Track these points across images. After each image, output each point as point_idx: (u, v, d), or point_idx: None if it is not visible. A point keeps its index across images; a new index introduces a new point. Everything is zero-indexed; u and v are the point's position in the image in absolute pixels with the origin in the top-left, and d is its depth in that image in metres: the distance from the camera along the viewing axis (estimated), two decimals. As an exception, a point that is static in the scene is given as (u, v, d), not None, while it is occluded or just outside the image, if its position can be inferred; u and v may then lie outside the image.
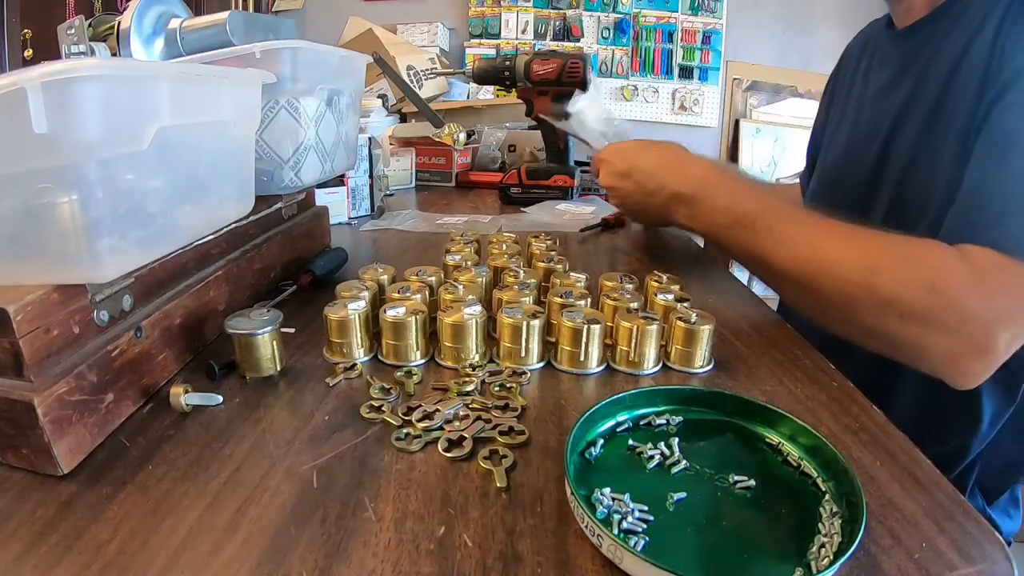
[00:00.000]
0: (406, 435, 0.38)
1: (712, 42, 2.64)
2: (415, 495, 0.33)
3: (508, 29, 2.67)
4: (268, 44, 0.56)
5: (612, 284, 0.56)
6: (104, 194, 0.35)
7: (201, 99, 0.45)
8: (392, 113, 1.47)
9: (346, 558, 0.29)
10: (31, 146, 0.31)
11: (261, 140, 0.60)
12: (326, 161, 0.68)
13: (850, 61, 0.85)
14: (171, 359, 0.44)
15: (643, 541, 0.29)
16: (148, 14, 0.64)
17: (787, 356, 0.51)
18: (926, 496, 0.34)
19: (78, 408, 0.35)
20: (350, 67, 0.72)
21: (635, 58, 2.69)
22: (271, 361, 0.44)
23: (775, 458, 0.37)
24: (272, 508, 0.32)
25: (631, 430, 0.39)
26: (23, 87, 0.29)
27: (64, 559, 0.28)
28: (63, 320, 0.35)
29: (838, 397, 0.45)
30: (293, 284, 0.59)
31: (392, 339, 0.47)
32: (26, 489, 0.33)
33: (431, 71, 1.71)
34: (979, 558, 0.30)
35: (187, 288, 0.46)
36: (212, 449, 0.37)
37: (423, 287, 0.53)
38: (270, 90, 0.56)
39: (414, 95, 1.00)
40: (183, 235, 0.46)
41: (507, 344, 0.47)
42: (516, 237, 0.71)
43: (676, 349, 0.48)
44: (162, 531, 0.30)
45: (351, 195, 0.94)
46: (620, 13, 2.63)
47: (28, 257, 0.35)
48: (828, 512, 0.32)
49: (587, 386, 0.46)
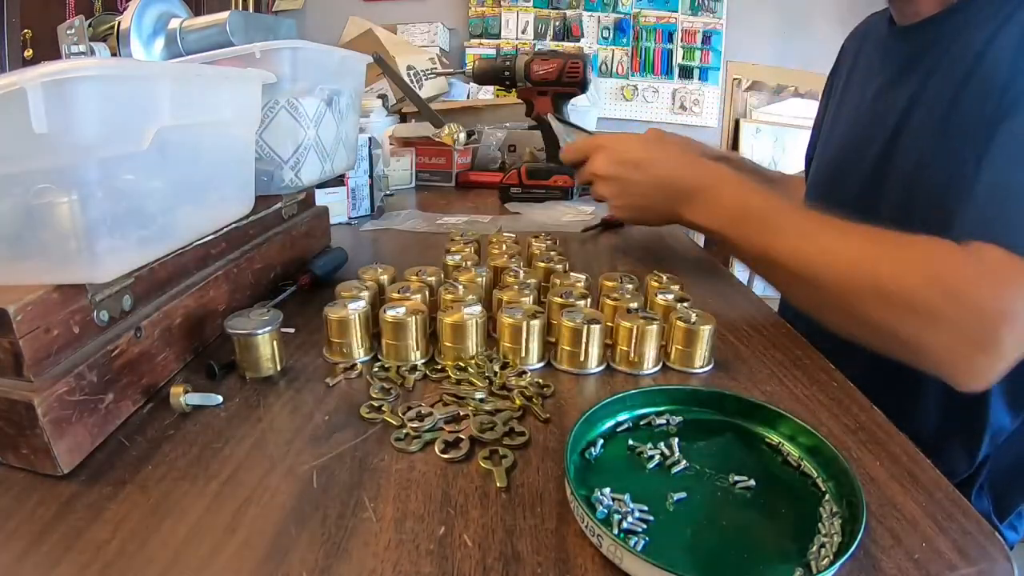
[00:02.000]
0: (406, 435, 0.38)
1: (712, 42, 2.64)
2: (415, 495, 0.33)
3: (508, 29, 2.67)
4: (268, 44, 0.56)
5: (612, 284, 0.56)
6: (104, 194, 0.35)
7: (201, 99, 0.45)
8: (392, 113, 1.47)
9: (346, 558, 0.29)
10: (31, 146, 0.31)
11: (261, 140, 0.60)
12: (326, 161, 0.68)
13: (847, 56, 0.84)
14: (171, 359, 0.44)
15: (643, 541, 0.29)
16: (148, 14, 0.64)
17: (787, 356, 0.51)
18: (926, 496, 0.34)
19: (78, 408, 0.35)
20: (350, 67, 0.72)
21: (635, 58, 2.69)
22: (271, 361, 0.44)
23: (775, 458, 0.37)
24: (272, 508, 0.32)
25: (631, 430, 0.39)
26: (23, 87, 0.29)
27: (64, 559, 0.28)
28: (63, 320, 0.35)
29: (838, 397, 0.45)
30: (293, 284, 0.59)
31: (392, 339, 0.47)
32: (26, 489, 0.33)
33: (431, 71, 1.71)
34: (979, 558, 0.30)
35: (187, 288, 0.46)
36: (212, 449, 0.37)
37: (423, 287, 0.53)
38: (270, 90, 0.56)
39: (414, 95, 0.99)
40: (183, 235, 0.46)
41: (507, 344, 0.47)
42: (516, 237, 0.71)
43: (676, 349, 0.48)
44: (162, 531, 0.30)
45: (351, 195, 0.94)
46: (620, 13, 2.64)
47: (28, 257, 0.35)
48: (828, 512, 0.32)
49: (587, 386, 0.46)
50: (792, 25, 2.64)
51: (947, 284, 0.48)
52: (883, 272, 0.50)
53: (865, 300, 0.51)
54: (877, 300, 0.50)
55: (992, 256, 0.48)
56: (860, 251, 0.52)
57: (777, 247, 0.56)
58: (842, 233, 0.54)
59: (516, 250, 0.66)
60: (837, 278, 0.52)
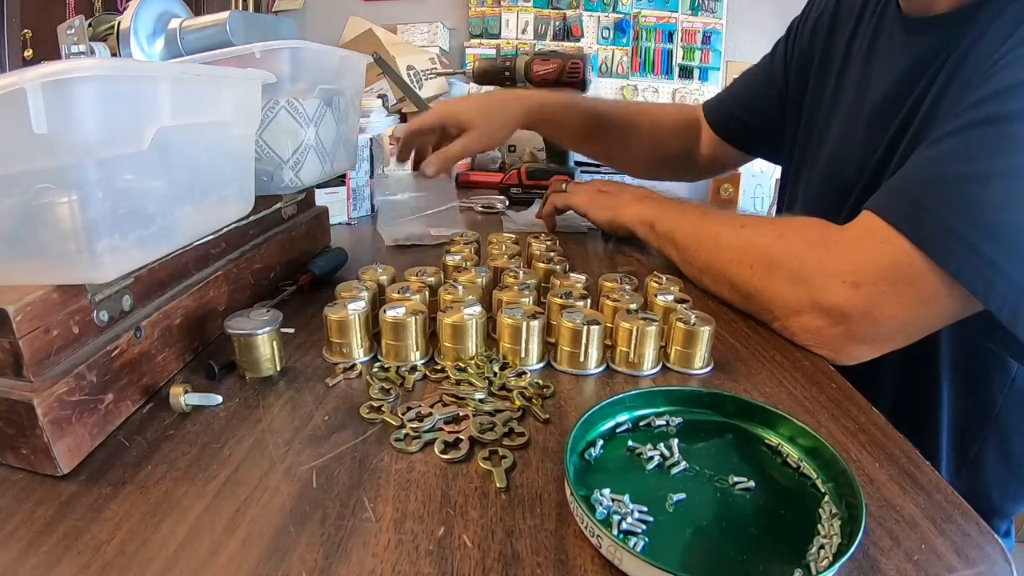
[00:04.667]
0: (405, 435, 0.38)
1: (712, 42, 2.64)
2: (415, 495, 0.33)
3: (508, 29, 2.66)
4: (268, 44, 0.56)
5: (612, 285, 0.56)
6: (104, 194, 0.35)
7: (201, 99, 0.45)
8: (392, 113, 1.46)
9: (346, 558, 0.29)
10: (31, 146, 0.31)
11: (261, 140, 0.60)
12: (326, 161, 0.68)
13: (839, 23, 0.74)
14: (171, 359, 0.44)
15: (643, 542, 0.29)
16: (148, 14, 0.64)
17: (787, 358, 0.51)
18: (925, 498, 0.34)
19: (78, 408, 0.35)
20: (350, 67, 0.72)
21: (635, 58, 2.69)
22: (271, 361, 0.44)
23: (774, 459, 0.37)
24: (272, 508, 0.32)
25: (631, 431, 0.39)
26: (23, 87, 0.29)
27: (64, 559, 0.28)
28: (63, 320, 0.35)
29: (837, 399, 0.45)
30: (293, 284, 0.59)
31: (392, 339, 0.47)
32: (26, 489, 0.33)
33: (431, 71, 1.71)
34: (978, 560, 0.30)
35: (187, 288, 0.46)
36: (212, 449, 0.37)
37: (423, 287, 0.53)
38: (270, 90, 0.56)
39: (414, 95, 1.00)
40: (183, 235, 0.46)
41: (507, 344, 0.47)
42: (516, 237, 0.71)
43: (676, 350, 0.48)
44: (162, 531, 0.30)
45: (351, 195, 0.94)
46: (620, 13, 2.64)
47: (28, 257, 0.35)
48: (827, 513, 0.32)
49: (587, 387, 0.46)
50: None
51: (790, 241, 0.54)
52: (744, 233, 0.59)
53: (727, 258, 0.59)
54: (732, 257, 0.59)
55: (864, 224, 0.50)
56: (735, 223, 0.60)
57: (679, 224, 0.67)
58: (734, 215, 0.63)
59: (516, 250, 0.66)
60: (714, 235, 0.61)
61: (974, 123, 0.47)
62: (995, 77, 0.48)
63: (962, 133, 0.48)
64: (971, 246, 0.44)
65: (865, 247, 0.49)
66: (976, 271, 0.44)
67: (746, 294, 0.58)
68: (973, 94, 0.49)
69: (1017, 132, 0.46)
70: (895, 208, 0.49)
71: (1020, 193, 0.45)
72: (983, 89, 0.49)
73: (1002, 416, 0.62)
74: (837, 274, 0.50)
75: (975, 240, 0.44)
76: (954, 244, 0.45)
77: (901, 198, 0.49)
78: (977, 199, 0.46)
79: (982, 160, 0.46)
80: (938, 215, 0.46)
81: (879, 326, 0.49)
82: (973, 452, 0.64)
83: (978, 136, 0.47)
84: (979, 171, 0.46)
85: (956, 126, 0.49)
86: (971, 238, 0.44)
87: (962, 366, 0.61)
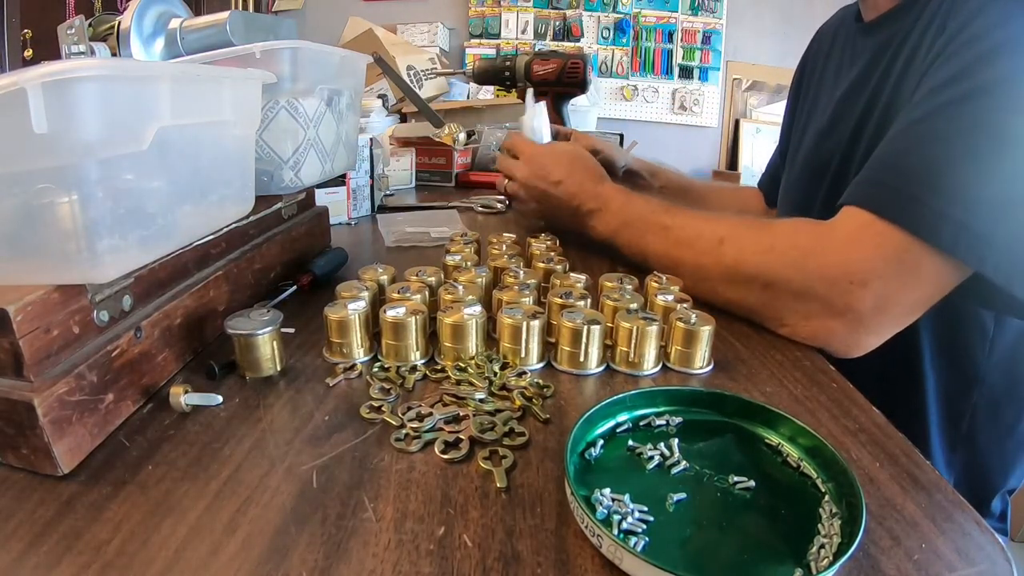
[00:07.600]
0: (406, 435, 0.38)
1: (712, 42, 2.65)
2: (415, 495, 0.33)
3: (508, 29, 2.67)
4: (268, 44, 0.56)
5: (612, 284, 0.56)
6: (104, 194, 0.35)
7: (201, 99, 0.45)
8: (392, 113, 1.47)
9: (346, 558, 0.29)
10: (31, 146, 0.31)
11: (261, 140, 0.60)
12: (326, 161, 0.68)
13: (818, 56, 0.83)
14: (171, 359, 0.44)
15: (643, 541, 0.29)
16: (148, 14, 0.64)
17: (787, 357, 0.51)
18: (925, 497, 0.34)
19: (78, 408, 0.35)
20: (350, 67, 0.72)
21: (635, 58, 2.69)
22: (271, 361, 0.44)
23: (775, 459, 0.37)
24: (272, 508, 0.32)
25: (631, 431, 0.39)
26: (23, 87, 0.29)
27: (64, 559, 0.28)
28: (63, 320, 0.35)
29: (838, 398, 0.45)
30: (293, 284, 0.59)
31: (392, 339, 0.47)
32: (26, 489, 0.33)
33: (431, 71, 1.71)
34: (978, 559, 0.30)
35: (187, 288, 0.46)
36: (212, 449, 0.37)
37: (423, 287, 0.53)
38: (270, 90, 0.56)
39: (414, 95, 1.00)
40: (183, 235, 0.46)
41: (507, 344, 0.47)
42: (516, 237, 0.71)
43: (676, 350, 0.48)
44: (162, 531, 0.30)
45: (352, 195, 0.94)
46: (620, 13, 2.64)
47: (28, 257, 0.35)
48: (828, 513, 0.32)
49: (587, 387, 0.46)
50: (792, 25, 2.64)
51: (783, 254, 0.53)
52: (724, 250, 0.56)
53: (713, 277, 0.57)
54: (721, 276, 0.56)
55: (853, 221, 0.51)
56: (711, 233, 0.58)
57: (647, 244, 0.64)
58: (702, 220, 0.60)
59: (516, 250, 0.66)
60: (691, 258, 0.59)
61: (939, 107, 0.50)
62: (949, 62, 0.52)
63: (930, 119, 0.51)
64: (960, 223, 0.47)
65: (862, 244, 0.50)
66: (969, 246, 0.47)
67: (747, 309, 0.57)
68: (932, 79, 0.52)
69: (977, 110, 0.49)
70: (881, 200, 0.50)
71: (992, 166, 0.48)
72: (940, 74, 0.52)
73: (987, 380, 0.64)
74: (842, 278, 0.50)
75: (962, 217, 0.47)
76: (945, 225, 0.47)
77: (885, 189, 0.50)
78: (958, 179, 0.48)
79: (954, 141, 0.49)
80: (924, 200, 0.48)
81: (889, 315, 0.51)
82: (965, 423, 0.65)
83: (945, 119, 0.50)
84: (952, 152, 0.49)
85: (923, 112, 0.51)
86: (958, 216, 0.47)
87: (941, 334, 0.63)
